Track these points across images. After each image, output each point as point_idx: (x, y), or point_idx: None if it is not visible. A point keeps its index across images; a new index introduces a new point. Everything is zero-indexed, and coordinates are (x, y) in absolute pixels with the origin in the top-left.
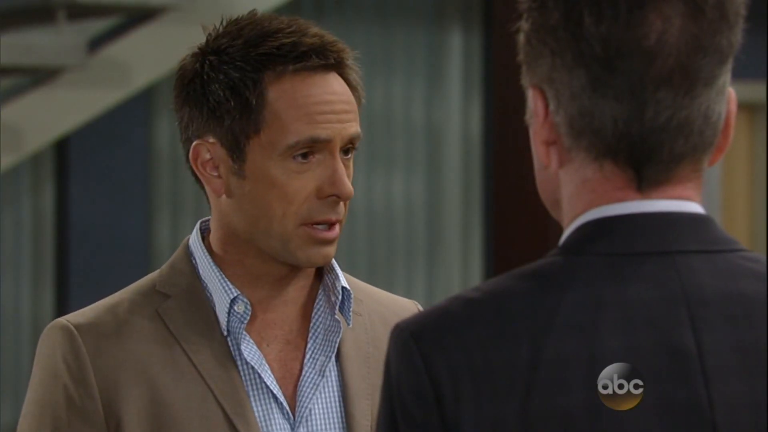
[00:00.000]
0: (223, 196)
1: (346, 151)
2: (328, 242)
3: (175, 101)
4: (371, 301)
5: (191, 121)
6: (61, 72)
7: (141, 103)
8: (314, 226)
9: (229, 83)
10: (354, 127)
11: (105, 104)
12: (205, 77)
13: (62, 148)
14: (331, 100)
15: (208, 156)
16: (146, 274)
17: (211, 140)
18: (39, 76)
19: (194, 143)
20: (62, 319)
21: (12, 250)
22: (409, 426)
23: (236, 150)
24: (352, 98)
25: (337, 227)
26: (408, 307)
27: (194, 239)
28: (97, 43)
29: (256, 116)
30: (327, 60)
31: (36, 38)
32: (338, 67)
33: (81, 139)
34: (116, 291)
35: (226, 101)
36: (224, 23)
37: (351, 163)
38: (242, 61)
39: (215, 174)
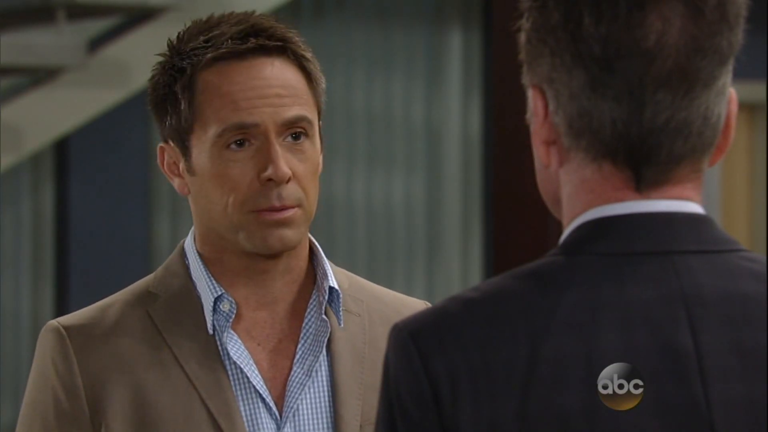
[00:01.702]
0: (189, 195)
1: (295, 136)
2: (282, 224)
3: None
4: (374, 301)
5: (157, 126)
6: (61, 72)
7: (140, 103)
8: (261, 212)
9: (167, 82)
10: (292, 111)
11: (104, 104)
12: (155, 80)
13: (62, 148)
14: (258, 85)
15: (170, 158)
16: (146, 274)
17: (170, 142)
18: (38, 76)
19: (158, 146)
20: (54, 321)
21: (12, 249)
22: (407, 426)
23: (183, 147)
24: (291, 82)
25: (290, 210)
26: (417, 306)
27: (188, 241)
28: (96, 43)
29: (187, 111)
30: (244, 44)
31: (35, 38)
32: (265, 51)
33: (81, 139)
34: (116, 291)
35: (167, 101)
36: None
37: (306, 147)
38: (177, 59)
39: (177, 174)
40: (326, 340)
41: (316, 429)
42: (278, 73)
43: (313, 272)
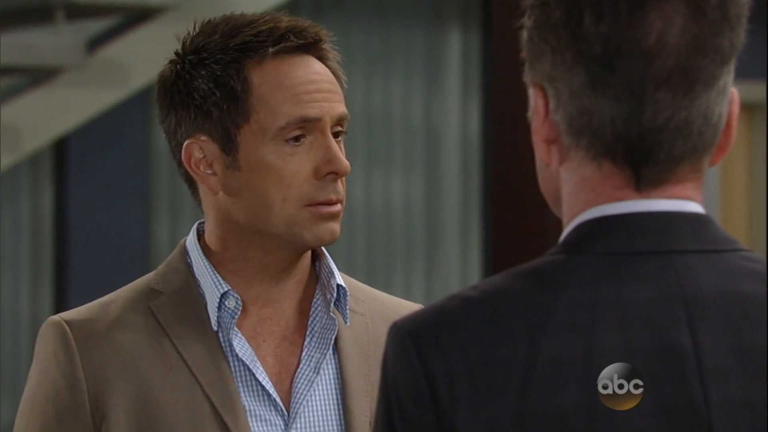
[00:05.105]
0: (221, 193)
1: (336, 134)
2: (333, 217)
3: (160, 110)
4: (373, 301)
5: (179, 124)
6: (60, 72)
7: (139, 103)
8: (317, 206)
9: (212, 76)
10: (341, 108)
11: (103, 104)
12: (187, 77)
13: (61, 148)
14: (316, 80)
15: (200, 155)
16: (145, 274)
17: (203, 138)
18: (38, 76)
19: (185, 143)
20: (56, 316)
21: (11, 250)
22: (405, 425)
23: (228, 142)
24: (334, 79)
25: (339, 204)
26: (412, 309)
27: (191, 240)
28: (95, 43)
29: (244, 104)
30: (305, 39)
31: (35, 38)
32: (316, 50)
33: (80, 139)
34: (115, 290)
35: (211, 95)
36: (196, 27)
37: (342, 146)
38: (221, 54)
39: (210, 171)
40: (333, 337)
41: (326, 424)
42: (324, 70)
43: (314, 270)
